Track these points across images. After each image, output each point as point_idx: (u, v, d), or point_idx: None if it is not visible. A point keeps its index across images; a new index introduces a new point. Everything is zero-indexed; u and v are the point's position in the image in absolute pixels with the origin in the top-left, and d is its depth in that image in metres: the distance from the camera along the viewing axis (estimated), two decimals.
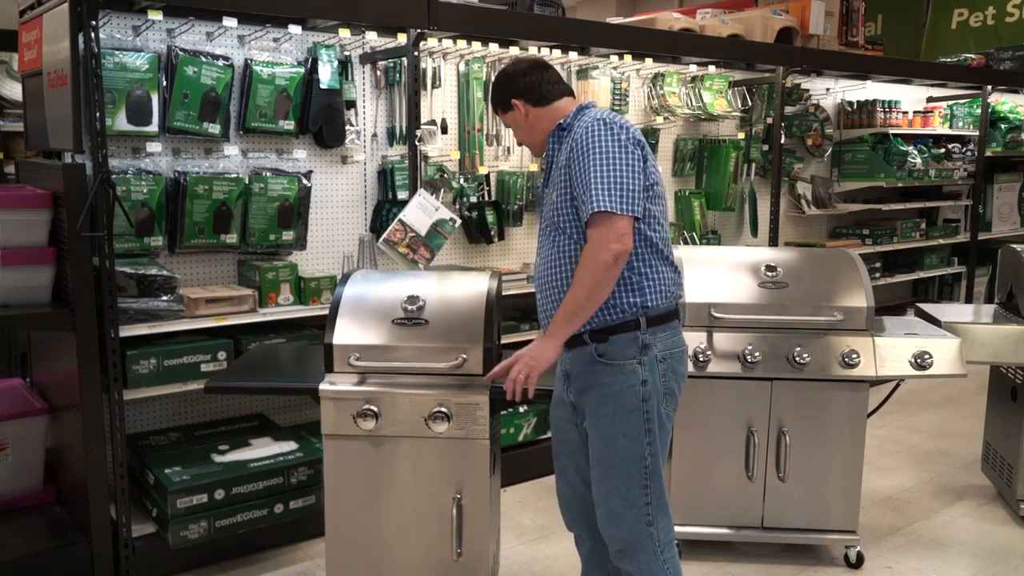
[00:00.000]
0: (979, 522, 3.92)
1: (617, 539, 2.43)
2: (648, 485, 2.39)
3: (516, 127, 2.60)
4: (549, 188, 2.49)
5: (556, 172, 2.44)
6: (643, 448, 2.37)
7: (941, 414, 5.54)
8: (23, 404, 3.53)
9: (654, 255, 2.39)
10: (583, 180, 2.29)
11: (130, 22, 3.41)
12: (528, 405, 4.30)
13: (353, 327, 2.64)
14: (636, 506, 2.39)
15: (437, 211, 3.84)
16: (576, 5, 11.64)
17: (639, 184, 2.30)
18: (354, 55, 3.97)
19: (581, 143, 2.32)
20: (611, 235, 2.24)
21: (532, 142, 2.60)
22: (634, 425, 2.36)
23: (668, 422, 2.44)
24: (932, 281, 7.23)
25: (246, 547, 3.51)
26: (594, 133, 2.31)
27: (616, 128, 2.32)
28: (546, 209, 2.48)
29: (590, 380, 2.40)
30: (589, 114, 2.42)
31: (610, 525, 2.44)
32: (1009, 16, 8.82)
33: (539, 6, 4.40)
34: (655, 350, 2.37)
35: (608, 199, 2.24)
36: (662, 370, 2.39)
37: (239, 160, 3.68)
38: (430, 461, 2.64)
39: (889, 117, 6.29)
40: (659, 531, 2.42)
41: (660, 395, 2.38)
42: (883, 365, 3.31)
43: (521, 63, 2.59)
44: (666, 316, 2.41)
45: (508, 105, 2.55)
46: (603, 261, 2.24)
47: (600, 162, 2.27)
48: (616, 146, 2.29)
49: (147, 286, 3.28)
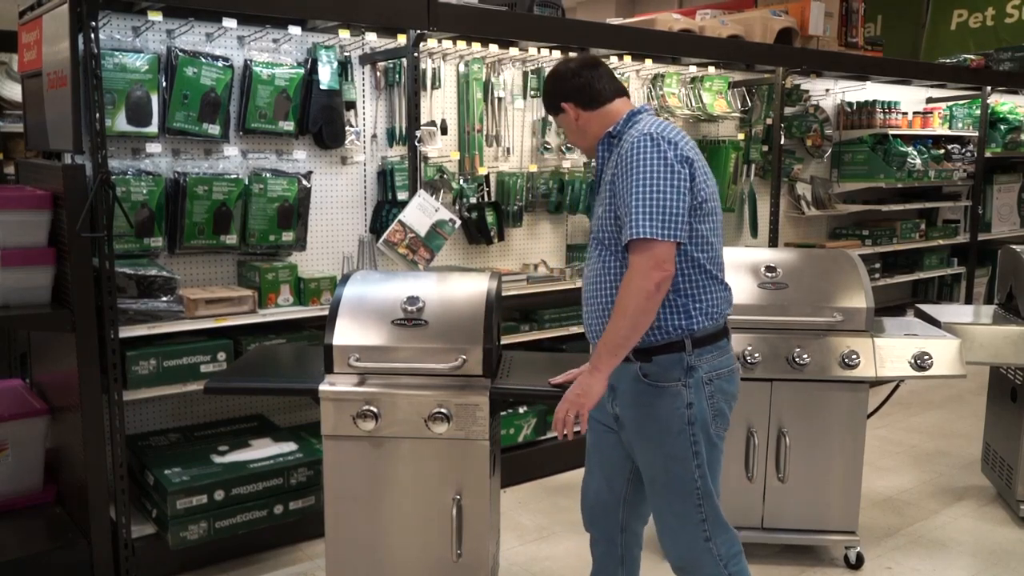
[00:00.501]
0: (979, 523, 3.92)
1: (675, 555, 2.43)
2: (701, 504, 2.35)
3: (567, 130, 2.52)
4: (596, 202, 2.42)
5: (604, 187, 2.36)
6: (692, 471, 2.33)
7: (941, 415, 5.54)
8: (23, 405, 3.53)
9: (702, 275, 2.31)
10: (625, 202, 2.21)
11: (130, 23, 3.41)
12: (527, 406, 4.30)
13: (353, 328, 2.64)
14: (691, 524, 2.37)
15: (437, 212, 3.84)
16: (575, 6, 11.64)
17: (683, 207, 2.19)
18: (354, 56, 3.97)
19: (626, 160, 2.23)
20: (651, 262, 2.16)
21: (583, 146, 2.52)
22: (681, 448, 2.31)
23: (719, 442, 2.39)
24: (932, 282, 7.24)
25: (246, 548, 3.51)
26: (639, 150, 2.21)
27: (663, 145, 2.21)
28: (594, 222, 2.42)
29: (635, 399, 2.35)
30: (638, 125, 2.31)
31: (667, 540, 2.43)
32: (1009, 17, 8.82)
33: (539, 7, 4.40)
34: (701, 372, 2.31)
35: (649, 225, 2.15)
36: (709, 392, 2.32)
37: (239, 161, 3.68)
38: (430, 462, 2.63)
39: (889, 118, 6.29)
40: (718, 546, 2.38)
41: (708, 417, 2.33)
42: (883, 366, 3.31)
43: (571, 62, 2.48)
44: (713, 336, 2.34)
45: (558, 108, 2.46)
46: (644, 289, 2.17)
47: (643, 184, 2.18)
48: (661, 165, 2.19)
49: (147, 287, 3.28)
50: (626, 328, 2.20)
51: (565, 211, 4.72)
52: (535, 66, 4.52)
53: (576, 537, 3.76)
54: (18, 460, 3.44)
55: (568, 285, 4.52)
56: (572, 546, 3.68)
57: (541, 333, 4.46)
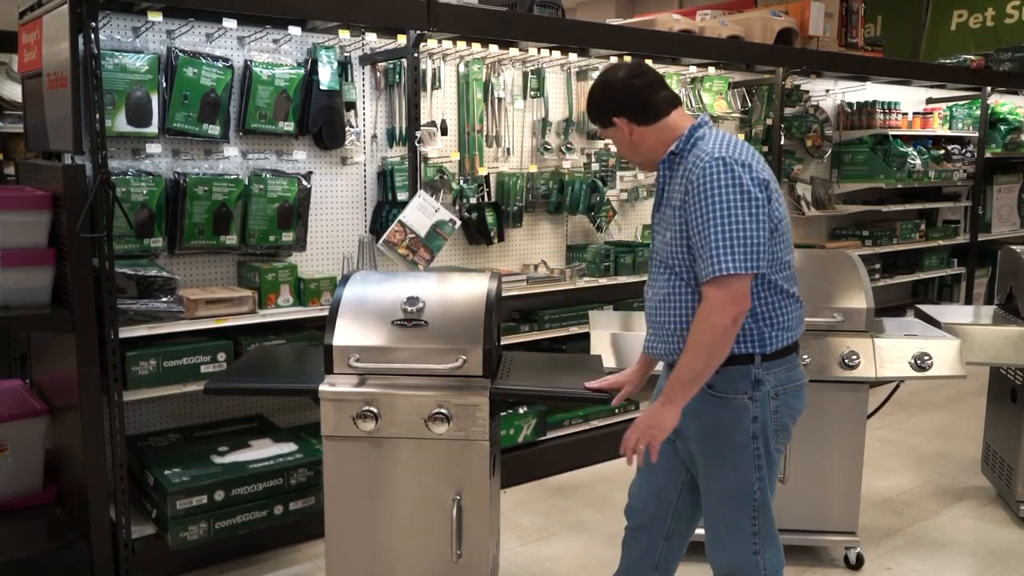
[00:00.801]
0: (979, 523, 3.92)
1: (722, 564, 2.42)
2: (756, 516, 2.34)
3: (617, 144, 2.41)
4: (661, 224, 2.34)
5: (669, 210, 2.27)
6: (752, 483, 2.31)
7: (941, 415, 5.54)
8: (23, 405, 3.53)
9: (778, 296, 2.27)
10: (702, 235, 2.12)
11: (130, 23, 3.41)
12: (527, 407, 4.31)
13: (353, 328, 2.64)
14: (743, 535, 2.35)
15: (437, 212, 3.84)
16: (575, 6, 11.64)
17: (763, 235, 2.12)
18: (354, 56, 3.97)
19: (699, 189, 2.13)
20: (728, 297, 2.10)
21: (637, 161, 2.43)
22: (744, 461, 2.29)
23: (778, 456, 2.37)
24: (932, 282, 7.24)
25: (246, 548, 3.51)
26: (713, 180, 2.11)
27: (737, 169, 2.11)
28: (658, 244, 2.34)
29: (698, 409, 2.30)
30: (705, 147, 2.20)
31: (716, 551, 2.42)
32: (1008, 17, 8.82)
33: (539, 7, 4.40)
34: (768, 385, 2.27)
35: (731, 260, 2.08)
36: (774, 406, 2.29)
37: (239, 161, 3.68)
38: (430, 462, 2.63)
39: (889, 118, 6.29)
40: (766, 560, 2.38)
41: (771, 431, 2.30)
42: (883, 366, 3.31)
43: (620, 70, 2.33)
44: (784, 351, 2.30)
45: (608, 122, 2.34)
46: (721, 325, 2.12)
47: (720, 216, 2.09)
48: (738, 194, 2.10)
49: (147, 287, 3.28)
50: (701, 363, 2.16)
51: (565, 211, 4.72)
52: (535, 66, 4.52)
53: (576, 538, 3.76)
54: (18, 460, 3.43)
55: (568, 285, 4.52)
56: (572, 547, 3.68)
57: (541, 333, 4.46)
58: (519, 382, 2.71)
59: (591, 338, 3.39)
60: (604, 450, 4.62)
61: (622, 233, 5.13)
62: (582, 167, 4.82)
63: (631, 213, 5.20)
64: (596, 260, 4.67)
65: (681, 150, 2.27)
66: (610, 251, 4.70)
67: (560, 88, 4.72)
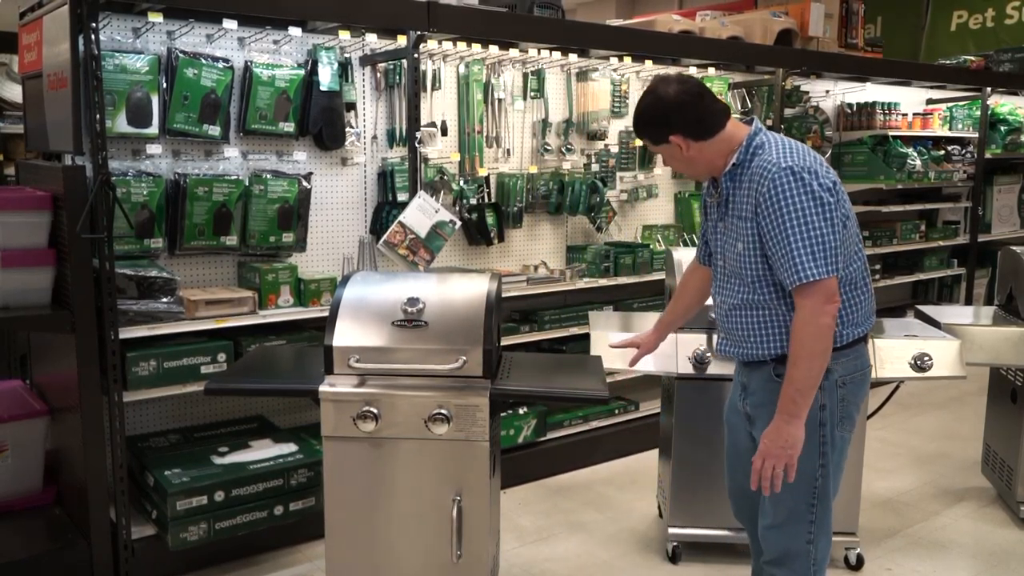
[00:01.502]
0: (979, 524, 3.92)
1: (774, 549, 2.46)
2: (815, 505, 2.39)
3: (670, 160, 2.43)
4: (729, 232, 2.38)
5: (738, 220, 2.32)
6: (815, 470, 2.36)
7: (941, 416, 5.54)
8: (23, 406, 3.53)
9: (853, 292, 2.35)
10: (782, 246, 2.19)
11: (130, 24, 3.41)
12: (527, 407, 4.31)
13: (353, 329, 2.64)
14: (800, 523, 2.40)
15: (437, 213, 3.84)
16: (575, 7, 11.64)
17: (839, 237, 2.20)
18: (354, 57, 3.97)
19: (772, 200, 2.19)
20: (821, 299, 2.18)
21: (692, 174, 2.49)
22: (809, 448, 2.31)
23: (845, 445, 2.43)
24: (932, 283, 7.23)
25: (246, 549, 3.51)
26: (785, 190, 2.17)
27: (807, 177, 2.17)
28: (729, 256, 2.39)
29: (768, 397, 2.36)
30: (769, 156, 2.23)
31: (770, 535, 2.47)
32: (1008, 18, 8.82)
33: (539, 8, 4.40)
34: (836, 375, 2.32)
35: (815, 267, 2.16)
36: (841, 395, 2.35)
37: (239, 162, 3.68)
38: (430, 463, 2.63)
39: (889, 119, 6.29)
40: (817, 549, 2.43)
41: (837, 419, 2.36)
42: (883, 367, 3.31)
43: (670, 85, 2.31)
44: (852, 342, 2.36)
45: (663, 140, 2.34)
46: (823, 326, 2.19)
47: (798, 226, 2.16)
48: (810, 201, 2.16)
49: (147, 288, 3.28)
50: (816, 368, 2.22)
51: (565, 212, 4.72)
52: (535, 67, 4.52)
53: (576, 538, 3.76)
54: (18, 461, 3.43)
55: (568, 286, 4.52)
56: (572, 547, 3.67)
57: (541, 334, 4.46)
58: (519, 383, 2.72)
59: (591, 339, 3.39)
60: (604, 450, 4.62)
61: (622, 234, 5.13)
62: (582, 168, 4.82)
63: (631, 214, 5.20)
64: (596, 261, 4.67)
65: (742, 161, 2.31)
66: (610, 252, 4.70)
67: (560, 89, 4.72)
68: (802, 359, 2.21)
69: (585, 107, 4.74)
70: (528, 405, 4.32)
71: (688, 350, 3.33)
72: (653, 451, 4.38)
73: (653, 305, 4.83)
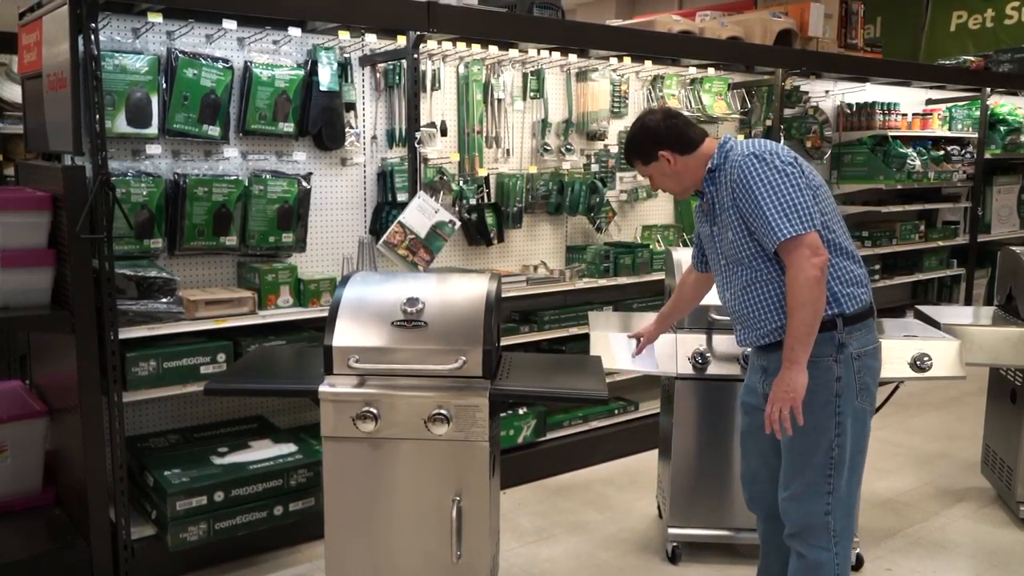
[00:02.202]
0: (979, 524, 3.92)
1: (794, 522, 2.57)
2: (832, 476, 2.50)
3: (660, 176, 2.68)
4: (720, 228, 2.60)
5: (724, 213, 2.56)
6: (831, 440, 2.48)
7: (941, 416, 5.54)
8: (22, 406, 3.53)
9: (841, 256, 2.50)
10: (758, 215, 2.41)
11: (130, 24, 3.41)
12: (527, 408, 4.31)
13: (353, 329, 2.64)
14: (817, 494, 2.51)
15: (436, 213, 3.84)
16: (575, 7, 11.65)
17: (809, 199, 2.41)
18: (354, 57, 3.97)
19: (741, 182, 2.45)
20: (806, 252, 2.36)
21: (676, 190, 2.71)
22: (825, 418, 2.47)
23: (866, 417, 2.55)
24: (931, 283, 7.24)
25: (245, 549, 3.51)
26: (751, 170, 2.44)
27: (768, 157, 2.44)
28: (724, 248, 2.61)
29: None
30: (735, 150, 2.52)
31: (790, 507, 2.57)
32: (1008, 18, 8.82)
33: (538, 8, 4.40)
34: (851, 348, 2.48)
35: (788, 225, 2.36)
36: (857, 367, 2.50)
37: (239, 162, 3.69)
38: (429, 463, 2.63)
39: (888, 119, 6.29)
40: (836, 520, 2.53)
41: (855, 391, 2.50)
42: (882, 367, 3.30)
43: (654, 114, 2.68)
44: (861, 315, 2.51)
45: (653, 157, 2.63)
46: (810, 277, 2.36)
47: (766, 193, 2.40)
48: (774, 173, 2.41)
49: (147, 288, 3.28)
50: (809, 317, 2.38)
51: (564, 212, 4.72)
52: (535, 67, 4.52)
53: (575, 538, 3.76)
54: (17, 461, 3.43)
55: (567, 286, 4.52)
56: (572, 547, 3.67)
57: (541, 334, 4.46)
58: (519, 383, 2.72)
59: (591, 339, 3.39)
60: (604, 451, 4.62)
61: (621, 234, 5.13)
62: (582, 168, 4.82)
63: (630, 214, 5.20)
64: (596, 261, 4.67)
65: (717, 165, 2.58)
66: (610, 252, 4.71)
67: (560, 89, 4.72)
68: (795, 309, 2.39)
69: (585, 107, 4.74)
70: (528, 405, 4.32)
71: (688, 350, 3.34)
72: (653, 451, 4.38)
73: (653, 305, 4.83)
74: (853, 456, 2.53)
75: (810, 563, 2.55)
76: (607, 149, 4.91)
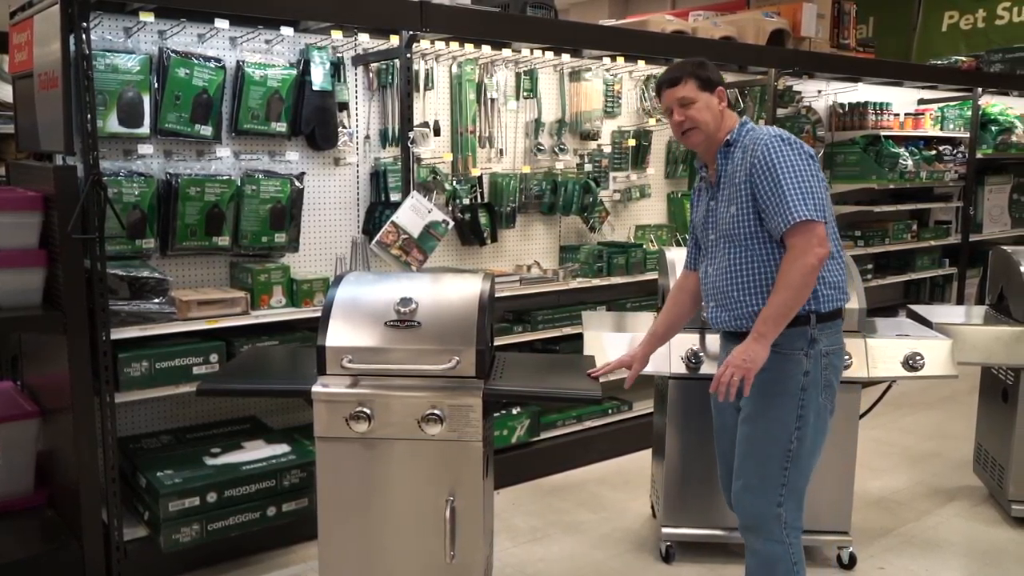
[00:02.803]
0: (971, 523, 3.94)
1: (746, 514, 2.61)
2: (787, 469, 2.54)
3: (704, 109, 2.59)
4: (721, 203, 2.62)
5: (731, 188, 2.57)
6: (791, 433, 2.52)
7: (933, 415, 5.56)
8: (14, 407, 3.51)
9: (831, 257, 2.52)
10: (776, 194, 2.43)
11: (121, 24, 3.40)
12: (520, 408, 4.31)
13: (346, 329, 2.64)
14: (771, 487, 2.55)
15: (430, 213, 3.84)
16: (568, 7, 11.65)
17: (825, 192, 2.48)
18: (347, 57, 3.96)
19: (765, 160, 2.46)
20: (813, 240, 2.40)
21: (704, 136, 2.61)
22: (788, 411, 2.51)
23: (826, 416, 2.59)
24: (923, 282, 7.26)
25: (238, 550, 3.50)
26: (778, 150, 2.46)
27: (795, 144, 2.48)
28: (721, 223, 2.61)
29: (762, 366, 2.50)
30: (760, 131, 2.54)
31: (743, 499, 2.62)
32: (999, 19, 8.86)
33: (531, 8, 4.40)
34: (821, 344, 2.53)
35: (806, 208, 2.39)
36: (824, 364, 2.54)
37: (231, 162, 3.68)
38: (423, 463, 2.63)
39: (880, 119, 6.31)
40: (787, 511, 2.57)
41: (820, 387, 2.54)
42: (875, 366, 3.32)
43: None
44: (832, 314, 2.56)
45: (712, 88, 2.60)
46: (809, 264, 2.40)
47: (791, 175, 2.42)
48: (800, 159, 2.45)
49: (139, 288, 3.27)
50: (790, 300, 2.42)
51: (558, 212, 4.72)
52: (528, 67, 4.52)
53: (569, 539, 3.76)
54: (9, 462, 3.42)
55: (561, 286, 4.52)
56: (566, 547, 3.68)
57: (534, 334, 4.46)
58: (512, 383, 2.71)
59: (584, 339, 3.39)
60: (598, 450, 4.62)
61: (615, 234, 5.14)
62: (575, 168, 4.82)
63: (624, 214, 5.20)
64: (589, 261, 4.67)
65: (735, 140, 2.60)
66: (603, 252, 4.71)
67: (553, 89, 4.72)
68: (781, 288, 2.42)
69: (578, 107, 4.74)
70: (521, 405, 4.32)
71: (681, 350, 3.34)
72: (646, 451, 4.38)
73: (646, 305, 4.84)
74: (809, 452, 2.56)
75: (765, 558, 2.59)
76: (600, 149, 4.91)
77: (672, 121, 2.66)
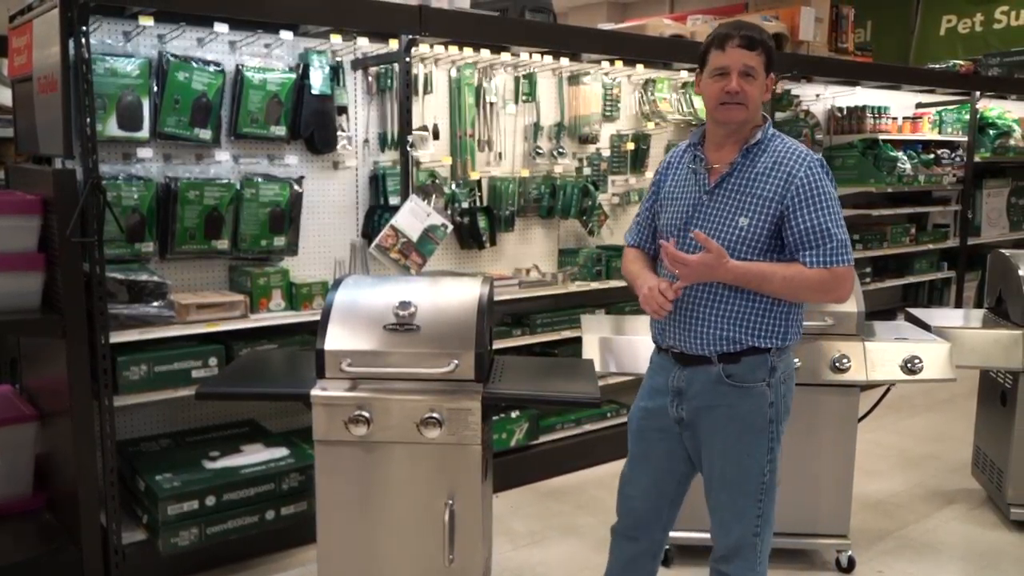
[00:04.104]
0: (969, 526, 3.94)
1: (723, 546, 2.54)
2: (762, 500, 2.47)
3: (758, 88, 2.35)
4: (727, 207, 2.38)
5: (747, 197, 2.36)
6: (764, 466, 2.44)
7: (931, 418, 5.56)
8: (12, 410, 3.51)
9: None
10: (817, 227, 2.31)
11: (121, 27, 3.40)
12: (519, 411, 4.31)
13: (345, 333, 2.64)
14: (747, 519, 2.48)
15: (429, 216, 3.84)
16: (567, 11, 11.67)
17: None
18: (346, 61, 3.97)
19: (808, 185, 2.32)
20: (847, 286, 2.36)
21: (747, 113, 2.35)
22: (759, 446, 2.43)
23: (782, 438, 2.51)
24: (922, 286, 7.26)
25: (237, 554, 3.50)
26: (820, 176, 2.34)
27: (830, 174, 2.40)
28: (718, 227, 2.38)
29: (713, 400, 2.43)
30: (795, 148, 2.38)
31: (720, 533, 2.54)
32: (997, 23, 8.88)
33: (530, 12, 4.41)
34: (779, 371, 2.44)
35: (847, 255, 2.33)
36: (783, 391, 2.46)
37: (230, 166, 3.68)
38: (422, 467, 2.63)
39: (878, 123, 6.31)
40: (763, 541, 2.51)
41: (783, 414, 2.47)
42: (873, 369, 3.32)
43: None
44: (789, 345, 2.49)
45: (769, 70, 2.37)
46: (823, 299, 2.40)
47: (832, 214, 2.33)
48: (834, 190, 2.38)
49: (138, 292, 3.27)
50: (781, 287, 2.33)
51: (557, 216, 4.72)
52: (527, 71, 4.53)
53: (568, 542, 3.76)
54: (8, 466, 3.42)
55: (560, 289, 4.52)
56: (565, 551, 3.67)
57: (533, 338, 4.46)
58: (511, 386, 2.72)
59: (583, 342, 3.39)
60: (597, 454, 4.62)
61: (614, 237, 5.14)
62: (574, 171, 4.82)
63: (623, 217, 5.20)
64: (588, 264, 4.67)
65: (760, 141, 2.40)
66: (602, 255, 4.71)
67: (552, 93, 4.73)
68: (788, 275, 2.31)
69: (577, 111, 4.75)
70: (520, 408, 4.32)
71: None
72: None
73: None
74: (776, 479, 2.51)
75: None
76: (599, 152, 4.92)
77: (720, 85, 2.33)
